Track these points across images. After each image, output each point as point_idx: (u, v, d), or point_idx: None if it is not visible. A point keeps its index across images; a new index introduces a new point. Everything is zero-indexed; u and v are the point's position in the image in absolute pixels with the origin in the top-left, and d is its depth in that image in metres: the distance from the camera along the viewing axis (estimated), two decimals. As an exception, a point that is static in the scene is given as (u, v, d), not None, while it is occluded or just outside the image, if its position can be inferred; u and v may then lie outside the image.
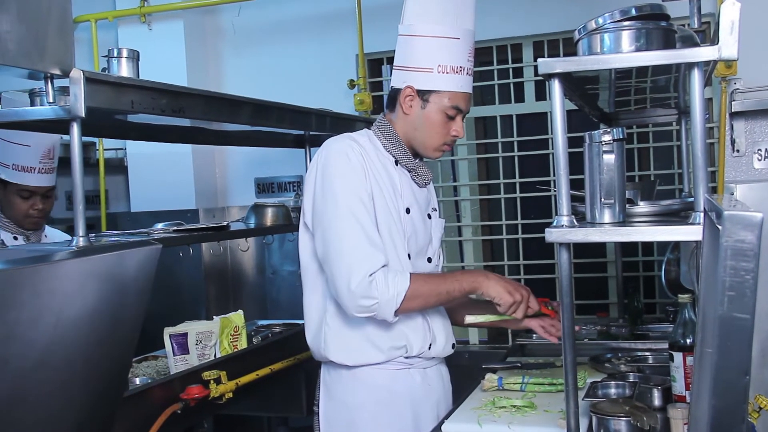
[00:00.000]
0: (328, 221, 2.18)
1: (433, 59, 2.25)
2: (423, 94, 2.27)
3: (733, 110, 3.50)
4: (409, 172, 2.36)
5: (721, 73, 3.44)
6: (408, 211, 2.30)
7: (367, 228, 2.16)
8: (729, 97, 3.51)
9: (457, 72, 2.26)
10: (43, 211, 3.11)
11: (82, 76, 2.01)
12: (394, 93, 2.34)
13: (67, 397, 2.02)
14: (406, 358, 2.28)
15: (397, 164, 2.33)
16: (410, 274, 2.16)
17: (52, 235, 3.23)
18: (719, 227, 1.16)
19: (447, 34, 2.25)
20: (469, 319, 2.37)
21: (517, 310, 2.20)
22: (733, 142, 3.55)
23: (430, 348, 2.31)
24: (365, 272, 2.09)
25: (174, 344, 2.78)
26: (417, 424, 2.29)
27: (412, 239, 2.31)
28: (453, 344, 2.42)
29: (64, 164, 2.98)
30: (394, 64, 2.35)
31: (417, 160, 2.38)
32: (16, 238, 3.07)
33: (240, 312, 3.05)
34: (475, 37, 2.34)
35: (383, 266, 2.13)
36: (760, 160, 3.54)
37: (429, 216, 2.42)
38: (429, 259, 2.40)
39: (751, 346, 1.13)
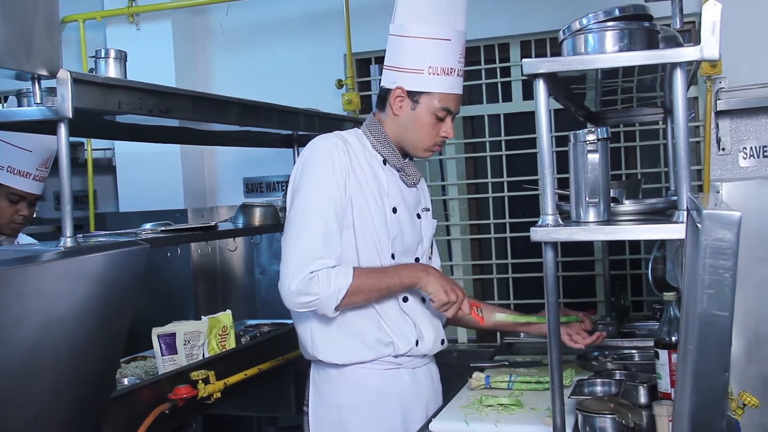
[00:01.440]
0: (294, 213, 2.22)
1: (424, 60, 2.25)
2: (413, 95, 2.28)
3: (718, 109, 3.53)
4: (398, 171, 2.36)
5: (706, 72, 3.47)
6: (395, 210, 2.31)
7: (329, 228, 2.17)
8: (714, 96, 3.54)
9: (447, 73, 2.27)
10: (26, 219, 3.08)
11: (69, 76, 2.00)
12: (384, 93, 2.34)
13: (54, 397, 2.02)
14: (395, 357, 2.29)
15: (385, 164, 2.34)
16: (353, 269, 2.17)
17: (24, 242, 3.16)
18: (699, 225, 1.17)
19: (438, 36, 2.25)
20: (499, 317, 2.39)
21: (449, 309, 2.23)
22: (718, 140, 3.58)
23: (417, 344, 2.31)
24: (308, 271, 2.11)
25: (162, 344, 2.78)
26: (406, 424, 2.29)
27: (398, 239, 2.31)
28: (443, 340, 2.42)
29: (52, 165, 2.97)
30: (385, 63, 2.35)
31: (406, 160, 2.39)
32: None
33: (228, 312, 3.05)
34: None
35: (330, 267, 2.14)
36: (745, 159, 3.57)
37: (419, 216, 2.43)
38: (417, 260, 2.40)
39: (730, 344, 1.14)
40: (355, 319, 2.23)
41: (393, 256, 2.29)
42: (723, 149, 3.57)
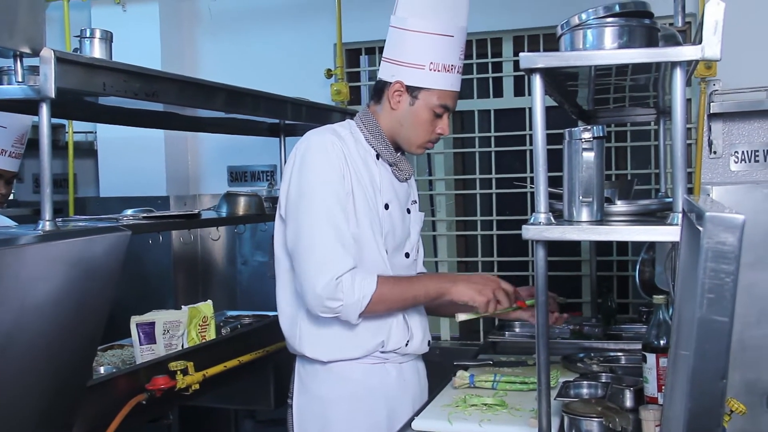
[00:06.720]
0: (301, 217, 2.15)
1: (426, 56, 2.20)
2: (412, 91, 2.23)
3: (711, 111, 3.50)
4: (391, 166, 2.32)
5: (700, 73, 3.45)
6: (387, 207, 2.27)
7: (340, 228, 2.13)
8: (708, 98, 3.51)
9: (448, 70, 2.23)
10: (4, 197, 3.03)
11: (52, 55, 1.96)
12: (382, 85, 2.29)
13: (28, 385, 1.97)
14: (382, 352, 2.26)
15: (378, 158, 2.30)
16: (378, 277, 2.13)
17: (2, 223, 3.11)
18: (700, 228, 1.13)
19: (441, 32, 2.21)
20: (461, 317, 2.33)
21: (491, 306, 2.19)
22: (710, 143, 3.56)
23: (407, 345, 2.29)
24: (332, 275, 2.07)
25: (140, 333, 2.73)
26: (391, 419, 2.26)
27: (390, 236, 2.27)
28: (429, 341, 2.40)
29: (31, 146, 2.92)
30: (384, 55, 2.30)
31: (399, 154, 2.34)
32: None
33: (209, 302, 3.00)
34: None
35: (351, 269, 2.10)
36: (736, 163, 3.55)
37: (408, 210, 2.39)
38: (407, 255, 2.37)
39: (729, 350, 1.11)
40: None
41: (387, 252, 2.26)
42: (714, 152, 3.55)
